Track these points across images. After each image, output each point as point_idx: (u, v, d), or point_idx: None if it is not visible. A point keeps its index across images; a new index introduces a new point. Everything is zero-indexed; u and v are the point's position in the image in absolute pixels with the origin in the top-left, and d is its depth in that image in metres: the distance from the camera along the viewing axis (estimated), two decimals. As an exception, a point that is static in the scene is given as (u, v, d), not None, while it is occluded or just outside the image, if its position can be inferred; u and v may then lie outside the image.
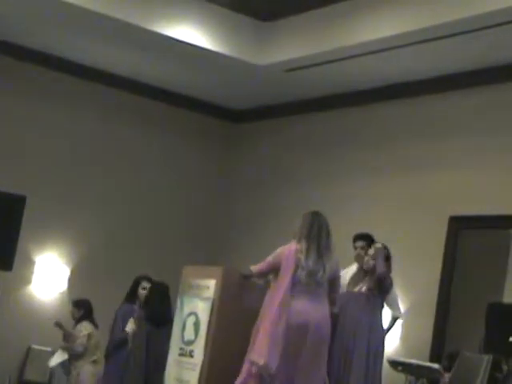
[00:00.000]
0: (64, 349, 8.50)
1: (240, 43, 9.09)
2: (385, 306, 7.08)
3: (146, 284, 7.94)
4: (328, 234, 6.31)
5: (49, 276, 9.93)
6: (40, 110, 10.02)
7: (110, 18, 8.53)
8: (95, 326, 8.62)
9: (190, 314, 6.84)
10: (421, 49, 8.10)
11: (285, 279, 6.21)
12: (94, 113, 10.34)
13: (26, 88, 9.95)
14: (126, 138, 10.53)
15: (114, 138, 10.47)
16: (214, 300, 6.65)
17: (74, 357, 8.47)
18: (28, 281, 9.80)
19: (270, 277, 6.53)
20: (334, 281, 6.34)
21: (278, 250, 6.38)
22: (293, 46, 8.93)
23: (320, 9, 8.64)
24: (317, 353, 6.14)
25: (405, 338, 8.06)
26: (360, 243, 7.30)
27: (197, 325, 6.72)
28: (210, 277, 6.78)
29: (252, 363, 6.12)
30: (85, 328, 8.55)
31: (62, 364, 8.53)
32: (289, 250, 6.29)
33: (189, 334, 6.79)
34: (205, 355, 6.59)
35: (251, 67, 9.26)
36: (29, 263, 9.75)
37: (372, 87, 9.30)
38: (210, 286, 6.71)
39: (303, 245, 6.25)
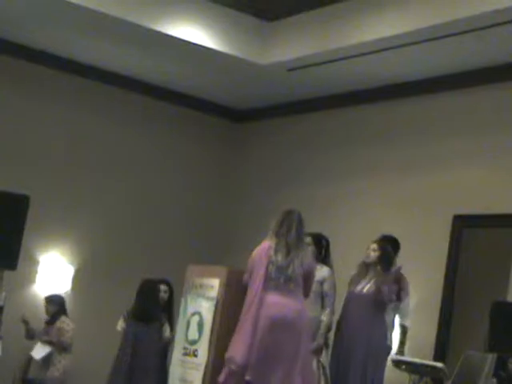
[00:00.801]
0: (46, 342, 8.67)
1: (242, 42, 9.08)
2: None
3: (162, 287, 8.08)
4: (298, 232, 6.41)
5: (53, 275, 9.91)
6: (44, 109, 10.00)
7: (111, 17, 8.49)
8: None
9: (194, 313, 6.85)
10: (423, 48, 8.07)
11: (257, 275, 6.36)
12: (96, 112, 10.30)
13: (28, 88, 9.93)
14: (128, 137, 10.51)
15: (117, 137, 10.44)
16: (218, 300, 6.67)
17: (60, 349, 8.66)
18: (32, 280, 9.80)
19: None
20: (306, 276, 6.43)
21: (253, 252, 6.52)
22: (295, 45, 8.91)
23: (322, 8, 8.63)
24: (291, 347, 6.21)
25: (408, 336, 7.84)
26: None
27: (201, 324, 6.74)
28: (214, 276, 6.80)
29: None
30: (70, 322, 8.76)
31: (46, 356, 8.67)
32: (262, 248, 6.45)
33: (193, 333, 6.80)
34: (209, 355, 6.60)
35: (253, 66, 9.24)
36: (33, 263, 9.74)
37: (375, 86, 9.28)
38: (215, 285, 6.73)
39: (273, 242, 6.40)
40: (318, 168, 9.95)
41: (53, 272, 9.92)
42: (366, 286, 6.93)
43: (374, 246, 7.04)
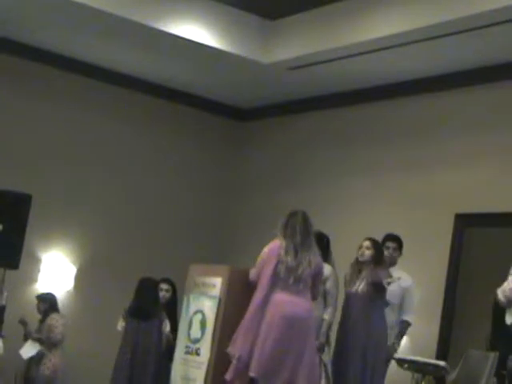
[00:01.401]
0: (36, 339, 8.67)
1: (245, 41, 9.05)
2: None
3: (163, 286, 8.14)
4: (303, 233, 6.52)
5: (55, 274, 9.88)
6: (45, 108, 9.98)
7: (114, 16, 8.45)
8: None
9: (197, 312, 6.86)
10: (425, 47, 8.04)
11: (266, 273, 6.44)
12: (98, 112, 10.28)
13: (30, 87, 9.90)
14: (129, 136, 10.48)
15: (119, 136, 10.42)
16: (220, 298, 6.69)
17: (50, 346, 8.68)
18: (34, 279, 9.77)
19: None
20: (315, 276, 6.54)
21: (264, 250, 6.61)
22: (297, 44, 8.88)
23: (324, 7, 8.61)
24: (298, 344, 6.29)
25: (411, 335, 7.91)
26: (392, 244, 7.42)
27: (203, 323, 6.76)
28: (216, 275, 6.81)
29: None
30: (60, 318, 8.75)
31: (35, 356, 8.68)
32: (273, 246, 6.53)
33: (195, 332, 6.82)
34: (211, 353, 6.62)
35: (255, 65, 9.21)
36: (35, 262, 9.72)
37: (377, 85, 9.26)
38: (217, 284, 6.75)
39: (284, 242, 6.51)
40: (319, 167, 9.92)
41: (55, 271, 9.89)
42: (361, 286, 6.92)
43: (368, 243, 7.02)
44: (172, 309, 8.11)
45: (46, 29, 9.22)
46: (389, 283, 6.85)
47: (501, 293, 5.44)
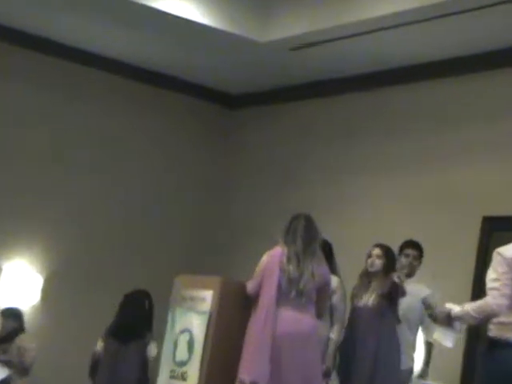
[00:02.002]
0: (4, 362, 8.31)
1: (239, 17, 8.74)
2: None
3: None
4: (305, 239, 6.37)
5: (18, 286, 9.44)
6: (11, 91, 9.54)
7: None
8: None
9: (183, 330, 6.56)
10: (444, 24, 7.59)
11: (268, 285, 6.29)
12: (75, 98, 9.85)
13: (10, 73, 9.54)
14: (110, 126, 10.04)
15: (98, 125, 9.98)
16: (210, 314, 6.43)
17: (21, 371, 8.33)
18: (-7, 291, 9.50)
19: None
20: (320, 289, 6.37)
21: (264, 258, 6.45)
22: (299, 20, 8.50)
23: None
24: (304, 364, 6.18)
25: (432, 356, 7.48)
26: (413, 252, 7.04)
27: (191, 343, 6.48)
28: (206, 287, 6.54)
29: (241, 382, 6.19)
30: (31, 341, 8.45)
31: (3, 381, 8.32)
32: (274, 255, 6.39)
33: (181, 353, 6.52)
34: (200, 378, 6.34)
35: (251, 44, 8.89)
36: (-6, 271, 9.17)
37: (387, 68, 8.88)
38: (207, 297, 6.48)
39: (285, 249, 6.38)
40: (319, 161, 9.55)
41: (18, 282, 9.47)
42: (370, 299, 6.57)
43: (378, 251, 6.65)
44: (148, 324, 7.90)
45: (24, 9, 8.92)
46: (399, 277, 6.55)
47: (474, 311, 5.23)
